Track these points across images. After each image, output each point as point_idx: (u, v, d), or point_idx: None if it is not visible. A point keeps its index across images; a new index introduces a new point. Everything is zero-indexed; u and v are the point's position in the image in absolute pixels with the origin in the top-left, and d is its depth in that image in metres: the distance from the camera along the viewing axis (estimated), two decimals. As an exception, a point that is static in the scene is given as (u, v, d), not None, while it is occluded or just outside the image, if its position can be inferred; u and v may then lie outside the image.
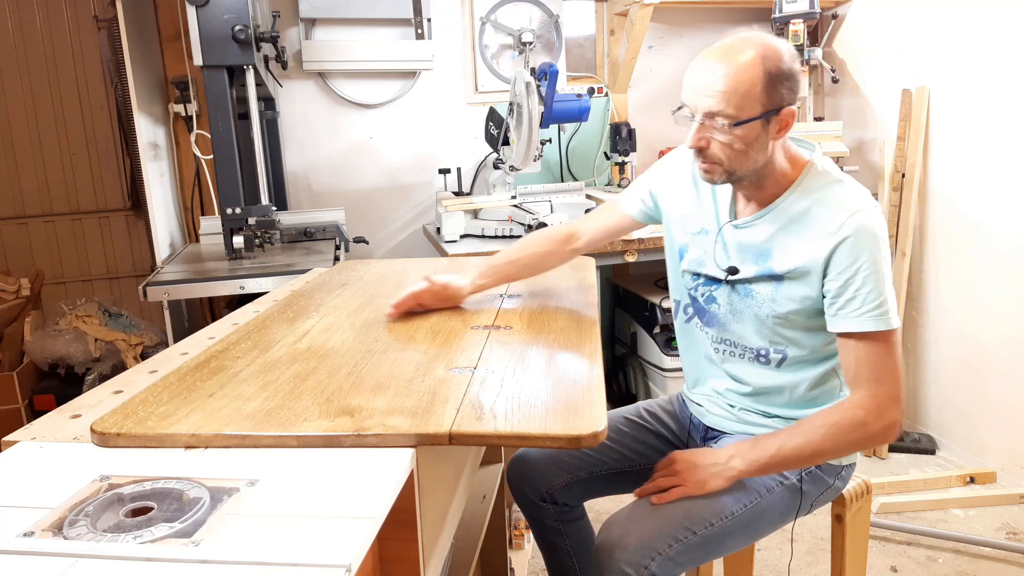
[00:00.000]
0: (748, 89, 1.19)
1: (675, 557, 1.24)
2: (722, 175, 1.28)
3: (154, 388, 1.10)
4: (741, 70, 1.19)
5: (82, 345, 3.12)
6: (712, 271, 1.40)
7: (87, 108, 3.86)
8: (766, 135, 1.24)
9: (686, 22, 3.46)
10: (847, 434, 1.23)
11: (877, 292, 1.22)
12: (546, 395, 1.06)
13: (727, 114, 1.21)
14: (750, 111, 1.21)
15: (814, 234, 1.26)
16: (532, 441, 0.95)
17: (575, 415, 0.99)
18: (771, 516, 1.35)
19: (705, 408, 1.47)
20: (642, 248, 2.68)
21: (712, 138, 1.24)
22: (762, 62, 1.20)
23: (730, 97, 1.20)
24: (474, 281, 1.55)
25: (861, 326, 1.23)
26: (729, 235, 1.38)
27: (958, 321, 2.75)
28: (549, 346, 1.29)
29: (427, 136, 3.33)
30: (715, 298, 1.41)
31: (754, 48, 1.20)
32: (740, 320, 1.38)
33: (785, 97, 1.22)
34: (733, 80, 1.19)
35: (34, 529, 0.75)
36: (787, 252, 1.29)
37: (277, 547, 0.71)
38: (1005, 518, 2.40)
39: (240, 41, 2.27)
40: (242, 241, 2.46)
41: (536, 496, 1.54)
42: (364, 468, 0.87)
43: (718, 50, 1.22)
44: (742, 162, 1.25)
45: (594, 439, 0.95)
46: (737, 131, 1.22)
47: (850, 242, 1.23)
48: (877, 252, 1.23)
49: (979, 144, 2.60)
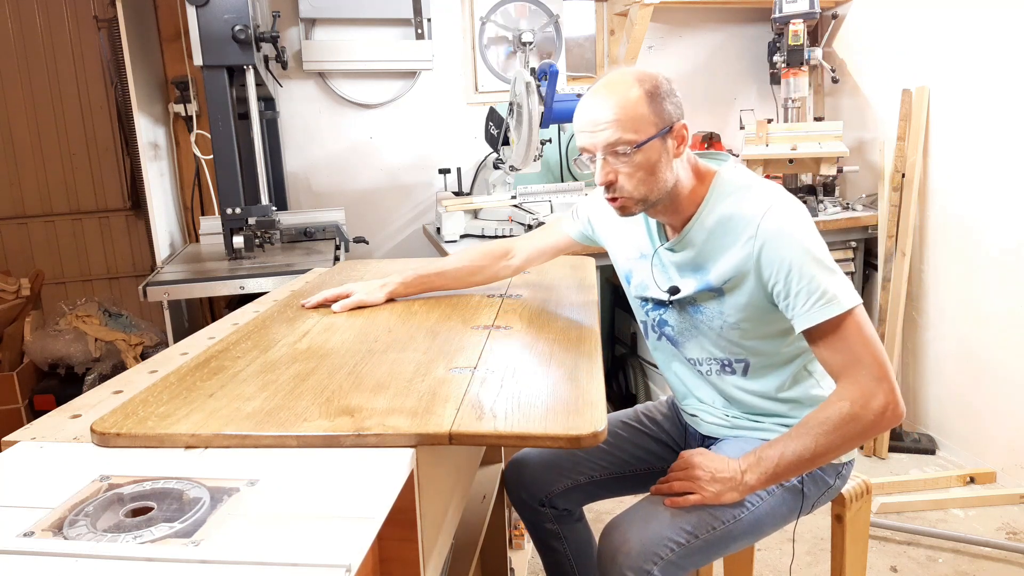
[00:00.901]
0: (635, 111, 1.23)
1: (677, 561, 1.24)
2: (636, 205, 1.29)
3: (154, 388, 1.10)
4: (624, 96, 1.23)
5: (82, 345, 3.12)
6: (656, 294, 1.41)
7: (87, 108, 3.86)
8: (667, 154, 1.26)
9: (686, 22, 3.46)
10: (840, 429, 1.21)
11: (815, 283, 1.20)
12: (546, 395, 1.06)
13: (626, 140, 1.23)
14: (645, 131, 1.23)
15: (735, 240, 1.27)
16: (532, 441, 0.95)
17: (575, 415, 0.99)
18: (773, 518, 1.35)
19: (699, 418, 1.47)
20: (642, 248, 2.68)
21: (618, 170, 1.26)
22: (639, 84, 1.24)
23: (623, 123, 1.23)
24: (394, 291, 1.57)
25: (812, 319, 1.21)
26: (665, 256, 1.39)
27: (958, 321, 2.75)
28: (549, 346, 1.29)
29: (427, 136, 3.33)
30: (666, 320, 1.43)
31: (628, 75, 1.26)
32: (695, 336, 1.39)
33: (673, 113, 1.26)
34: (620, 107, 1.23)
35: (34, 529, 0.75)
36: (718, 264, 1.30)
37: (277, 547, 0.71)
38: (1005, 518, 2.40)
39: (240, 41, 2.27)
40: (242, 241, 2.46)
41: (534, 501, 1.54)
42: (364, 468, 0.87)
43: (596, 89, 1.27)
44: (651, 186, 1.27)
45: (594, 439, 0.95)
46: (639, 155, 1.24)
47: (770, 244, 1.23)
48: (803, 242, 1.22)
49: (979, 144, 2.60)
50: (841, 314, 1.20)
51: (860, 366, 1.20)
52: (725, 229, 1.28)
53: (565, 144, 3.38)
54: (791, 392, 1.37)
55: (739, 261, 1.27)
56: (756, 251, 1.24)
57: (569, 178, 3.38)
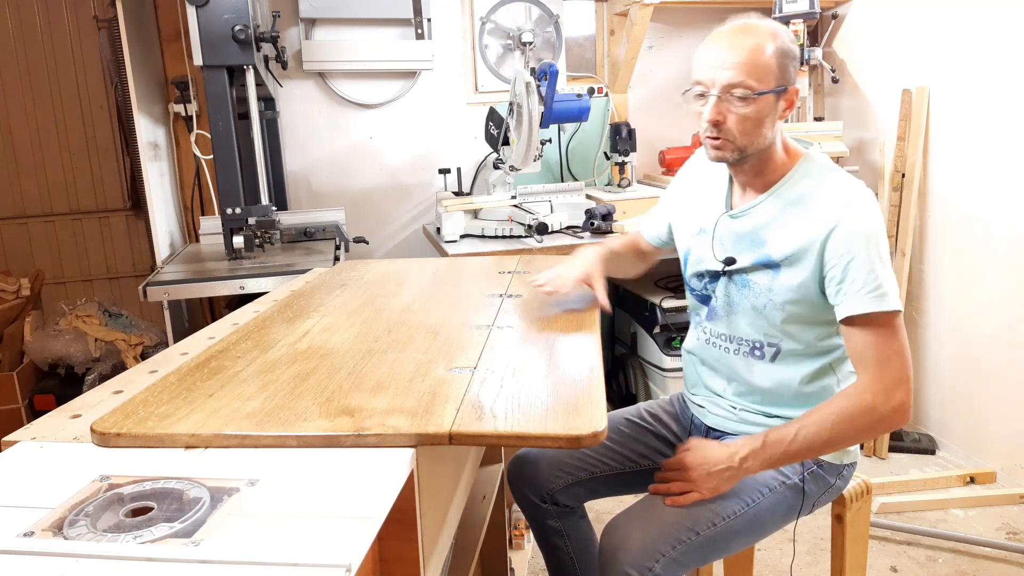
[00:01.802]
0: (766, 62, 1.24)
1: (678, 558, 1.24)
2: (733, 152, 1.30)
3: (154, 388, 1.10)
4: (759, 44, 1.25)
5: (82, 345, 3.12)
6: (711, 265, 1.42)
7: (87, 108, 3.86)
8: (775, 112, 1.29)
9: (686, 22, 3.46)
10: (856, 420, 1.23)
11: (874, 275, 1.23)
12: (546, 395, 1.06)
13: (748, 85, 1.24)
14: (767, 83, 1.25)
15: (810, 219, 1.28)
16: (532, 441, 0.95)
17: (575, 415, 0.99)
18: (773, 516, 1.35)
19: (706, 409, 1.47)
20: (642, 248, 2.68)
21: (729, 111, 1.27)
22: (774, 39, 1.26)
23: (750, 68, 1.24)
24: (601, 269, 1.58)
25: (861, 307, 1.23)
26: (725, 226, 1.40)
27: (958, 321, 2.75)
28: (549, 346, 1.29)
29: (427, 136, 3.33)
30: (713, 294, 1.43)
31: (766, 26, 1.27)
32: (736, 312, 1.39)
33: (792, 76, 1.28)
34: (753, 52, 1.24)
35: (34, 529, 0.75)
36: (783, 237, 1.31)
37: (277, 547, 0.71)
38: (1005, 518, 2.40)
39: (240, 41, 2.27)
40: (242, 241, 2.46)
41: (537, 497, 1.54)
42: (364, 468, 0.87)
43: (732, 28, 1.28)
44: (753, 138, 1.29)
45: (594, 439, 0.95)
46: (754, 104, 1.25)
47: (846, 229, 1.24)
48: (873, 238, 1.24)
49: (979, 144, 2.60)
50: (889, 312, 1.23)
51: (889, 365, 1.23)
52: (802, 204, 1.30)
53: (565, 144, 3.38)
54: (811, 386, 1.37)
55: (807, 239, 1.28)
56: (827, 233, 1.26)
57: (569, 178, 3.38)
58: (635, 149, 3.19)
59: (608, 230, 2.72)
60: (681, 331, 2.90)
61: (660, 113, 3.48)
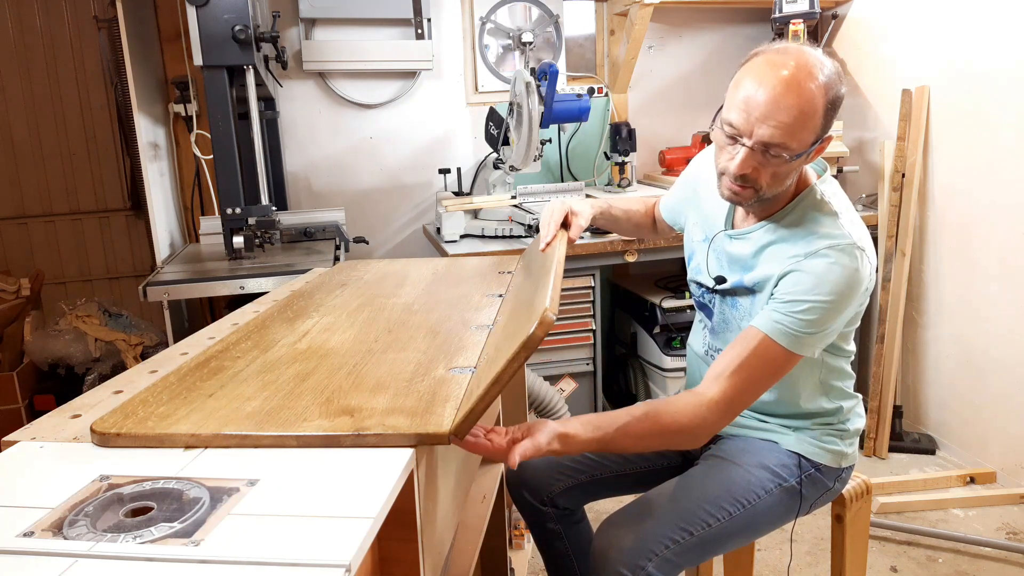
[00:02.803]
0: (810, 123, 1.14)
1: (672, 558, 1.24)
2: (751, 198, 1.24)
3: (154, 388, 1.09)
4: (809, 103, 1.13)
5: (82, 345, 3.12)
6: (705, 279, 1.42)
7: (87, 108, 3.86)
8: (807, 161, 1.22)
9: (686, 22, 3.46)
10: (671, 433, 1.20)
11: (807, 324, 1.18)
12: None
13: (788, 148, 1.15)
14: (806, 143, 1.16)
15: (782, 255, 1.25)
16: (532, 441, 0.95)
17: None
18: (769, 517, 1.35)
19: None
20: (642, 248, 2.68)
21: (761, 167, 1.18)
22: (825, 93, 1.14)
23: (795, 132, 1.14)
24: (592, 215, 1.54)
25: (762, 324, 1.21)
26: (721, 244, 1.39)
27: (958, 321, 2.75)
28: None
29: (427, 136, 3.33)
30: (710, 308, 1.44)
31: (820, 76, 1.14)
32: (729, 330, 1.39)
33: (832, 123, 1.19)
34: (800, 113, 1.13)
35: (34, 529, 0.75)
36: (763, 266, 1.29)
37: (277, 547, 0.71)
38: (1005, 518, 2.40)
39: (240, 41, 2.27)
40: (242, 241, 2.46)
41: (536, 500, 1.54)
42: (364, 468, 0.87)
43: (784, 79, 1.13)
44: (778, 187, 1.22)
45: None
46: (789, 164, 1.18)
47: (802, 272, 1.20)
48: (825, 292, 1.18)
49: (979, 144, 2.60)
50: (779, 345, 1.19)
51: (742, 395, 1.20)
52: (783, 242, 1.26)
53: (565, 144, 3.38)
54: (803, 399, 1.37)
55: (771, 272, 1.26)
56: (783, 273, 1.23)
57: (569, 178, 3.38)
58: (635, 149, 3.19)
59: (608, 230, 2.71)
60: (681, 331, 2.89)
61: (660, 113, 3.48)
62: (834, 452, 1.39)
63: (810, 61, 1.15)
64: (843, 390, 1.40)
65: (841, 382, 1.39)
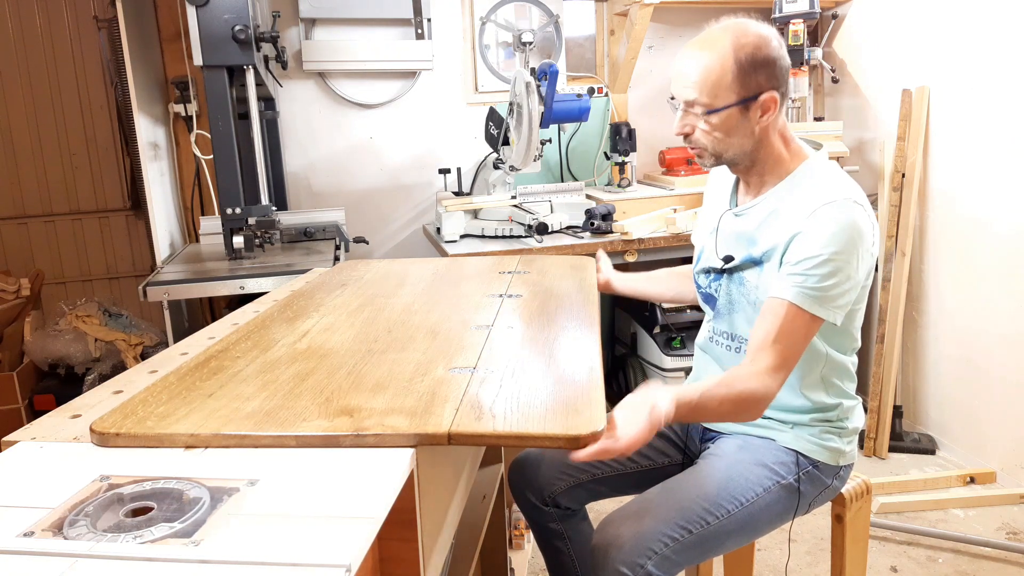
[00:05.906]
0: (719, 79, 1.25)
1: (671, 556, 1.24)
2: (710, 158, 1.35)
3: (154, 388, 1.10)
4: (713, 60, 1.25)
5: (82, 345, 3.12)
6: (713, 262, 1.44)
7: (87, 108, 3.86)
8: (747, 121, 1.29)
9: (686, 22, 3.46)
10: (743, 407, 1.23)
11: (822, 278, 1.22)
12: (545, 395, 1.06)
13: (701, 103, 1.27)
14: (724, 99, 1.26)
15: (785, 222, 1.29)
16: (531, 441, 0.95)
17: (574, 415, 0.99)
18: (768, 515, 1.35)
19: None
20: (642, 248, 2.68)
21: (695, 125, 1.31)
22: (734, 52, 1.25)
23: (702, 87, 1.26)
24: None
25: (785, 294, 1.23)
26: (727, 224, 1.42)
27: (958, 321, 2.75)
28: (549, 346, 1.29)
29: (427, 136, 3.33)
30: (716, 292, 1.45)
31: (728, 37, 1.26)
32: (736, 311, 1.41)
33: (763, 84, 1.26)
34: (705, 70, 1.25)
35: (34, 529, 0.75)
36: (765, 237, 1.33)
37: (277, 547, 0.71)
38: (1005, 518, 2.40)
39: (240, 41, 2.27)
40: (242, 241, 2.46)
41: (538, 500, 1.54)
42: (364, 468, 0.87)
43: (696, 40, 1.29)
44: (725, 147, 1.31)
45: (593, 438, 0.95)
46: (712, 119, 1.28)
47: (807, 234, 1.24)
48: (850, 244, 1.22)
49: (979, 144, 2.60)
50: (806, 312, 1.22)
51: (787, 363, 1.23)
52: (784, 210, 1.31)
53: (565, 144, 3.38)
54: (805, 388, 1.37)
55: (777, 240, 1.29)
56: (790, 238, 1.26)
57: (569, 178, 3.38)
58: (635, 149, 3.19)
59: (608, 230, 2.72)
60: (681, 331, 2.90)
61: (660, 113, 3.47)
62: (832, 450, 1.39)
63: (731, 27, 1.28)
64: (843, 389, 1.40)
65: (842, 382, 1.39)
